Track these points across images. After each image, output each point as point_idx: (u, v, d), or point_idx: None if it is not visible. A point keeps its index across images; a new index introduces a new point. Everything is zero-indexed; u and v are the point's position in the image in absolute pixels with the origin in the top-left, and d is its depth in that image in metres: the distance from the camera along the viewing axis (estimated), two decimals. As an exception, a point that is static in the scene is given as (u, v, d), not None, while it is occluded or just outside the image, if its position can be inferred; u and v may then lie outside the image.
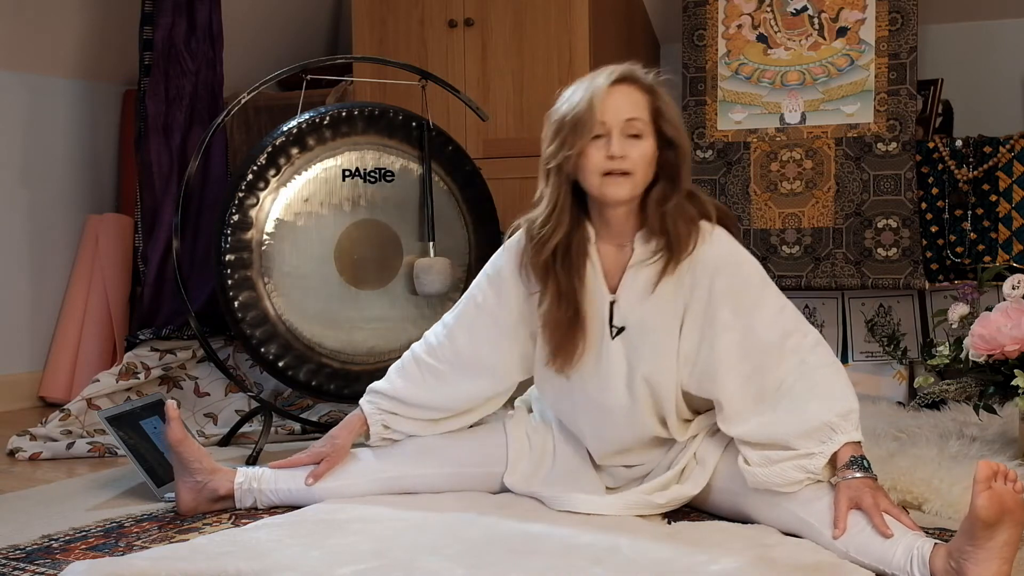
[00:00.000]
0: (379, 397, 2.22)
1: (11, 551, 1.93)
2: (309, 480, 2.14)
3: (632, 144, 1.97)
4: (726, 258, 2.00)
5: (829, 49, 3.34)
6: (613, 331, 2.04)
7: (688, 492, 2.04)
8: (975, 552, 1.58)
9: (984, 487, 1.57)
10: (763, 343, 1.95)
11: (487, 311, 2.15)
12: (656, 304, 2.01)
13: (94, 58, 3.88)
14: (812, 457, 1.87)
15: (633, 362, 2.04)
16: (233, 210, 2.80)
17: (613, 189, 1.97)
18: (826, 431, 1.87)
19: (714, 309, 1.98)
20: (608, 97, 1.97)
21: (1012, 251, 3.07)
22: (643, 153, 1.97)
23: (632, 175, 1.97)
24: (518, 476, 2.15)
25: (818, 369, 1.94)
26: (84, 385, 3.30)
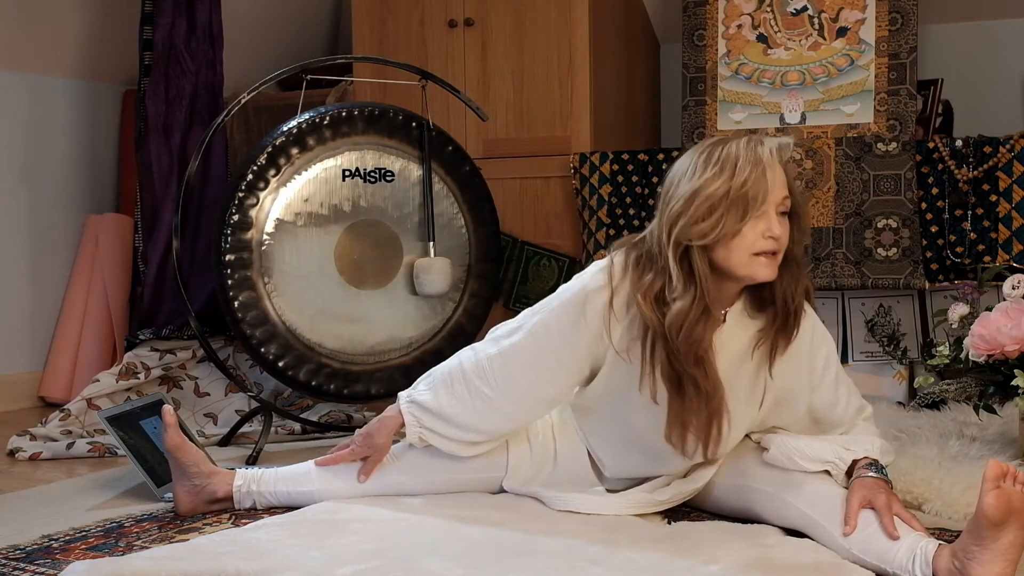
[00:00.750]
0: (422, 411, 2.09)
1: (11, 551, 1.93)
2: (361, 477, 2.11)
3: (783, 222, 1.86)
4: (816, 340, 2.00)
5: (829, 49, 3.34)
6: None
7: (691, 487, 2.04)
8: (980, 552, 1.58)
9: (993, 486, 1.57)
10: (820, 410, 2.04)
11: (551, 348, 1.98)
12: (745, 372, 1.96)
13: (94, 58, 3.88)
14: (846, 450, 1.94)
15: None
16: (233, 210, 2.80)
17: (765, 271, 1.84)
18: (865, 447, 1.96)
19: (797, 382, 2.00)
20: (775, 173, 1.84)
21: (1012, 251, 3.07)
22: (786, 232, 1.87)
23: (779, 254, 1.86)
24: (518, 480, 2.14)
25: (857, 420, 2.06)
26: (84, 385, 3.29)
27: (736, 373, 1.95)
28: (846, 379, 2.06)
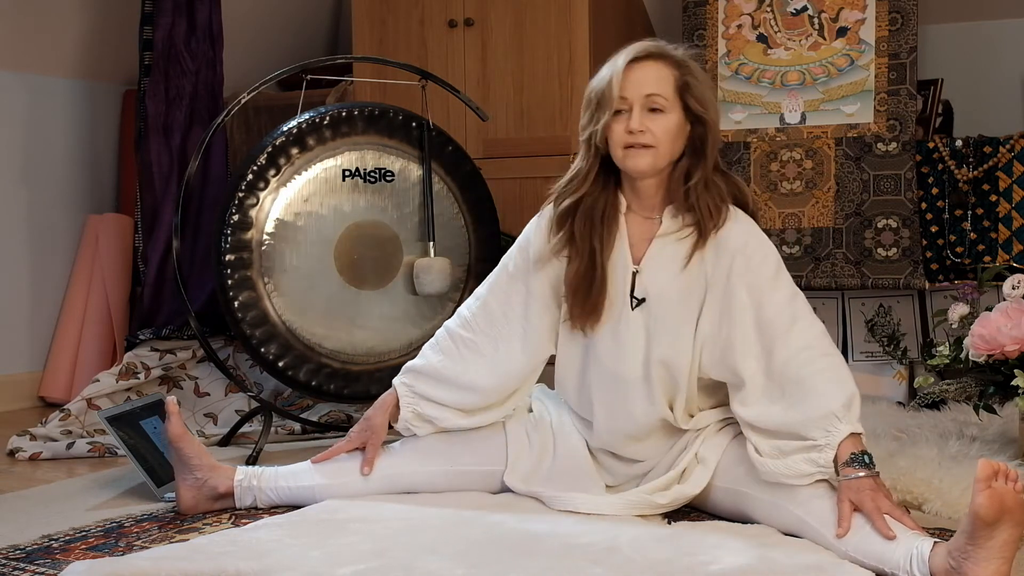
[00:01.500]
0: (414, 377, 2.21)
1: (11, 551, 1.93)
2: (365, 470, 2.14)
3: (653, 118, 2.01)
4: (747, 239, 2.04)
5: (829, 49, 3.34)
6: (633, 302, 2.07)
7: (689, 492, 2.04)
8: (975, 551, 1.58)
9: (984, 485, 1.57)
10: (773, 325, 1.98)
11: (519, 277, 2.19)
12: (679, 279, 2.05)
13: (94, 58, 3.88)
14: (820, 450, 1.87)
15: (651, 336, 2.07)
16: (233, 210, 2.80)
17: (633, 161, 2.03)
18: (831, 420, 1.87)
19: (732, 288, 2.01)
20: (630, 73, 2.02)
21: (1012, 251, 3.07)
22: (665, 127, 2.02)
23: (654, 148, 2.02)
24: (518, 475, 2.15)
25: (822, 357, 1.96)
26: (84, 385, 3.29)
27: (672, 279, 2.06)
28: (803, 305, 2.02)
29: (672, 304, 2.06)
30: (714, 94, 2.09)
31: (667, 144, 2.03)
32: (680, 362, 2.06)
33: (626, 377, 2.08)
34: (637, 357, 2.07)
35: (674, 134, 2.03)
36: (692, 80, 2.04)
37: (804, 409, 1.90)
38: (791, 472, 1.89)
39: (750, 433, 1.98)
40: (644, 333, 2.07)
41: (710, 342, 2.05)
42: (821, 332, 2.00)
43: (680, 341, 2.05)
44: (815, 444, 1.87)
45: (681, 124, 2.04)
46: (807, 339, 1.97)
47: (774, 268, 2.04)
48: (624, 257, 2.09)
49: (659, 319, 2.06)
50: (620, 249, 2.09)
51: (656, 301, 2.06)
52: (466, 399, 2.18)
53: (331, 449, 2.22)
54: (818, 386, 1.91)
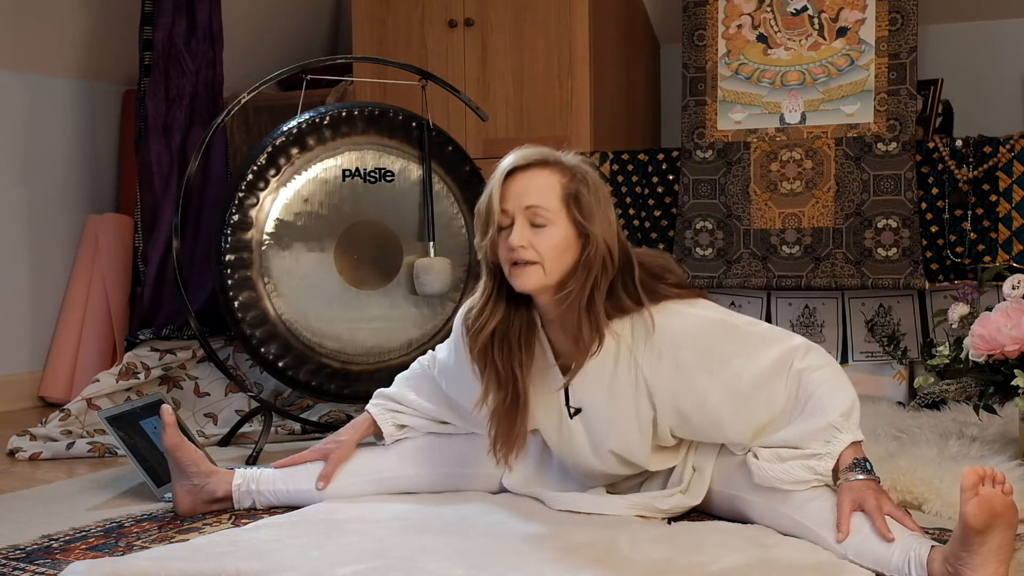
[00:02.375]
0: (386, 399, 2.25)
1: (11, 551, 1.93)
2: (320, 484, 2.14)
3: (536, 233, 1.88)
4: (680, 334, 1.91)
5: (829, 49, 3.34)
6: (571, 411, 2.02)
7: (690, 503, 2.04)
8: (970, 558, 1.57)
9: (972, 494, 1.56)
10: (751, 384, 1.90)
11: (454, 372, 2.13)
12: (614, 386, 1.96)
13: (94, 58, 3.88)
14: (820, 458, 1.84)
15: (596, 438, 2.02)
16: (233, 210, 2.80)
17: (519, 280, 1.89)
18: (830, 431, 1.85)
19: (689, 379, 1.91)
20: (511, 183, 1.90)
21: (1012, 251, 3.07)
22: (551, 242, 1.88)
23: (538, 264, 1.88)
24: (517, 477, 2.15)
25: (814, 373, 1.89)
26: (84, 385, 3.29)
27: (606, 390, 1.96)
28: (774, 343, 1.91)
29: (611, 411, 1.98)
30: (607, 205, 1.92)
31: (554, 259, 1.88)
32: (635, 453, 2.02)
33: (584, 469, 2.09)
34: (588, 454, 2.05)
35: (561, 248, 1.88)
36: (581, 189, 1.89)
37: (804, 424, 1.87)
38: (788, 478, 1.87)
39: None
40: (587, 437, 2.03)
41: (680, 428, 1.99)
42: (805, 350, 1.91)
43: (628, 437, 2.00)
44: (815, 452, 1.85)
45: (571, 236, 1.89)
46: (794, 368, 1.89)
47: (721, 336, 1.92)
48: (552, 371, 2.00)
49: (600, 425, 2.00)
50: (545, 363, 2.01)
51: (593, 408, 1.99)
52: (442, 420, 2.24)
53: (293, 456, 2.23)
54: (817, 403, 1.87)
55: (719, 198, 3.39)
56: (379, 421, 2.22)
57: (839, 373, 1.92)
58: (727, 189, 3.38)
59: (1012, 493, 1.59)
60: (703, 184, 3.41)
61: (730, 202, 3.37)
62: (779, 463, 1.88)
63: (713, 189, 3.40)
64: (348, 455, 2.18)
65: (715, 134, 3.43)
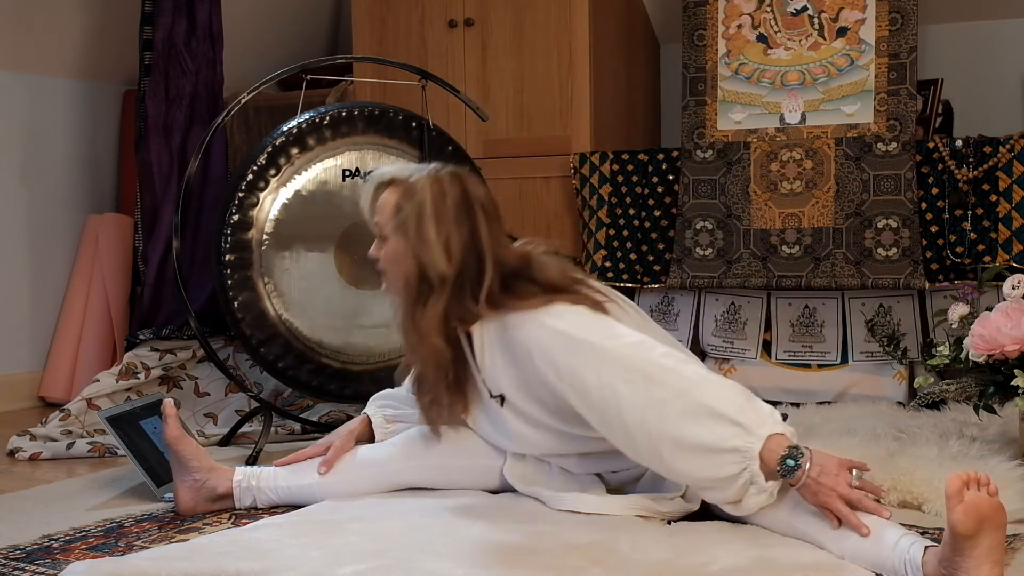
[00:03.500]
0: (381, 398, 2.34)
1: (11, 551, 1.93)
2: (321, 469, 2.17)
3: (380, 245, 2.10)
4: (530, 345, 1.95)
5: (829, 49, 3.34)
6: (498, 399, 2.08)
7: (691, 508, 2.04)
8: (963, 561, 1.58)
9: (957, 500, 1.56)
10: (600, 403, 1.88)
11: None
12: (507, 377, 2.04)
13: (94, 58, 3.88)
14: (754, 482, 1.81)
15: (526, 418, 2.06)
16: (233, 210, 2.80)
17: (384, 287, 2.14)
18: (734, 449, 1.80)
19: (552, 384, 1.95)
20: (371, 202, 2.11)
21: (1012, 251, 3.07)
22: (388, 253, 2.08)
23: (385, 273, 2.11)
24: (518, 471, 2.15)
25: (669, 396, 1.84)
26: (84, 385, 3.29)
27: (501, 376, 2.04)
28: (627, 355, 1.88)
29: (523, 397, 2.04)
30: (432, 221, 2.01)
31: (393, 269, 2.07)
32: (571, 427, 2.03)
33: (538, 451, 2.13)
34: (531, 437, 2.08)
35: (394, 259, 2.06)
36: (404, 203, 2.04)
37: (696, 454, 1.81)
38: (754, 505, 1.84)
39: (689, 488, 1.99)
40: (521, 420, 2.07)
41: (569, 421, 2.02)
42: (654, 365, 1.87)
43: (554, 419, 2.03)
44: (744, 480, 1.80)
45: (400, 250, 2.05)
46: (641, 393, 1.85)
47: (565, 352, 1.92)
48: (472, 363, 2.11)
49: (523, 409, 2.05)
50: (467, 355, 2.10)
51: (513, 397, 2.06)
52: None
53: (295, 454, 2.26)
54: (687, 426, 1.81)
55: (719, 198, 3.39)
56: (370, 412, 2.30)
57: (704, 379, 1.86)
58: (727, 189, 3.38)
59: (997, 494, 1.59)
60: (703, 184, 3.41)
61: (730, 202, 3.37)
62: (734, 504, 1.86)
63: (713, 189, 3.40)
64: (349, 446, 2.23)
65: (715, 134, 3.43)
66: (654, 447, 1.85)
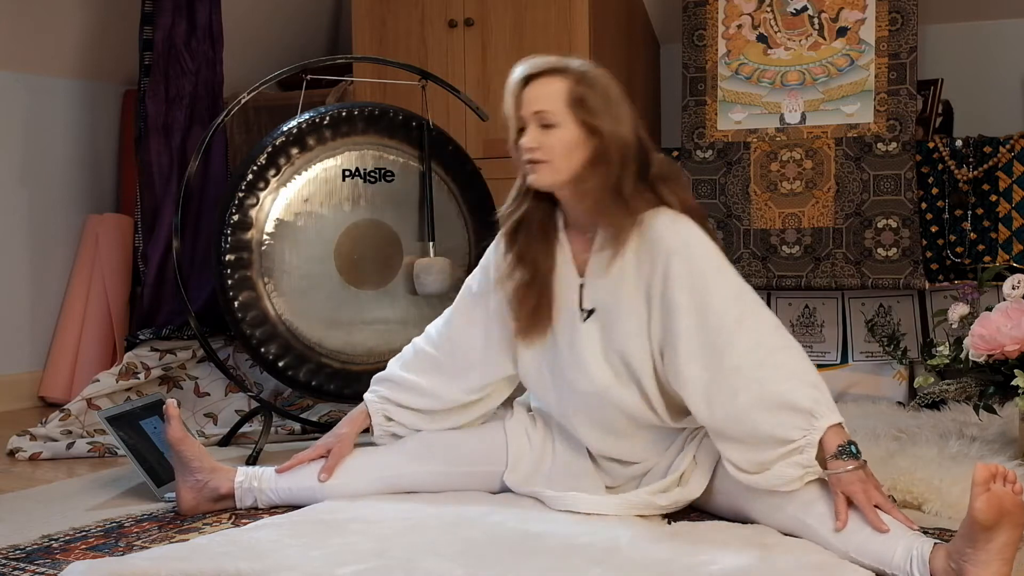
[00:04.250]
0: (379, 383, 2.30)
1: (11, 551, 1.93)
2: (322, 476, 2.16)
3: (546, 133, 2.02)
4: (678, 242, 1.99)
5: (829, 49, 3.34)
6: (583, 314, 2.08)
7: (689, 495, 2.04)
8: (975, 554, 1.58)
9: (982, 489, 1.57)
10: (719, 328, 1.93)
11: (480, 296, 2.22)
12: (622, 286, 2.04)
13: (94, 58, 3.88)
14: (802, 451, 1.84)
15: (607, 344, 2.06)
16: (233, 210, 2.80)
17: (532, 177, 2.05)
18: (806, 418, 1.85)
19: (671, 292, 1.98)
20: (524, 91, 2.06)
21: (1012, 251, 3.07)
22: (560, 141, 2.01)
23: (548, 163, 2.02)
24: (519, 475, 2.15)
25: (776, 353, 1.92)
26: (84, 385, 3.29)
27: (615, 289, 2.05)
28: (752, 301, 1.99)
29: (621, 313, 2.04)
30: (617, 104, 2.05)
31: (562, 158, 2.01)
32: (641, 367, 2.04)
33: (595, 389, 2.08)
34: (600, 368, 2.06)
35: (570, 147, 2.01)
36: (586, 92, 2.03)
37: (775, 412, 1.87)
38: (779, 480, 1.87)
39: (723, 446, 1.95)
40: (600, 344, 2.07)
41: (663, 348, 2.01)
42: (773, 327, 1.96)
43: (635, 347, 2.03)
44: (796, 446, 1.85)
45: (578, 137, 2.02)
46: (757, 336, 1.93)
47: (715, 266, 2.00)
48: (569, 271, 2.10)
49: (612, 328, 2.05)
50: (565, 263, 2.11)
51: (605, 310, 2.06)
52: (428, 403, 2.24)
53: (295, 458, 2.23)
54: (781, 385, 1.88)
55: (719, 198, 3.39)
56: (371, 410, 2.27)
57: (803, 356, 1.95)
58: (727, 189, 3.38)
59: (1022, 493, 1.59)
60: (703, 184, 3.41)
61: (730, 202, 3.37)
62: (764, 471, 1.88)
63: (713, 189, 3.40)
64: (349, 448, 2.21)
65: (715, 134, 3.43)
66: (737, 386, 1.90)
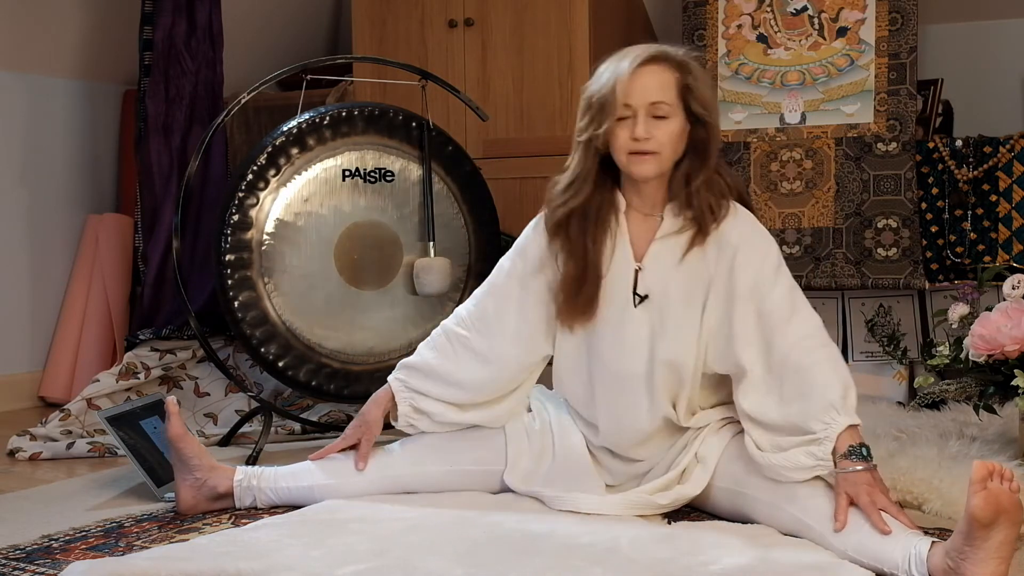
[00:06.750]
0: (408, 372, 2.22)
1: (11, 551, 1.93)
2: (360, 465, 2.16)
3: (657, 125, 2.02)
4: (749, 234, 2.06)
5: (829, 49, 3.34)
6: (636, 299, 2.08)
7: (690, 492, 2.04)
8: (972, 552, 1.58)
9: (980, 487, 1.58)
10: (773, 316, 2.00)
11: (515, 277, 2.19)
12: (682, 276, 2.06)
13: (94, 58, 3.88)
14: (819, 443, 1.87)
15: (655, 333, 2.07)
16: (233, 210, 2.80)
17: (638, 168, 2.03)
18: (829, 412, 1.88)
19: (735, 281, 2.03)
20: (634, 80, 2.02)
21: (1012, 251, 3.07)
22: (669, 133, 2.03)
23: (658, 154, 2.03)
24: (518, 474, 2.15)
25: (821, 347, 1.99)
26: (84, 385, 3.29)
27: (675, 276, 2.07)
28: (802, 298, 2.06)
29: (676, 301, 2.06)
30: (714, 92, 2.12)
31: (670, 149, 2.04)
32: (685, 359, 2.06)
33: (630, 375, 2.08)
34: (641, 355, 2.07)
35: (677, 138, 2.04)
36: (693, 82, 2.04)
37: (804, 401, 1.92)
38: (790, 464, 1.89)
39: (750, 427, 1.98)
40: (648, 331, 2.07)
41: (715, 336, 2.05)
42: (820, 324, 2.03)
43: (685, 338, 2.06)
44: (814, 437, 1.88)
45: (683, 127, 2.05)
46: (807, 329, 2.00)
47: (775, 262, 2.06)
48: (626, 255, 2.10)
49: (663, 316, 2.07)
50: (622, 247, 2.10)
51: (660, 298, 2.07)
52: (458, 395, 2.19)
53: (327, 447, 2.23)
54: (818, 376, 1.93)
55: (719, 198, 3.39)
56: (397, 399, 2.21)
57: (840, 357, 2.01)
58: (727, 189, 3.38)
59: (1020, 491, 1.59)
60: (703, 184, 3.41)
61: (730, 202, 3.37)
62: (779, 452, 1.91)
63: (713, 189, 3.40)
64: (379, 431, 2.21)
65: (715, 134, 3.43)
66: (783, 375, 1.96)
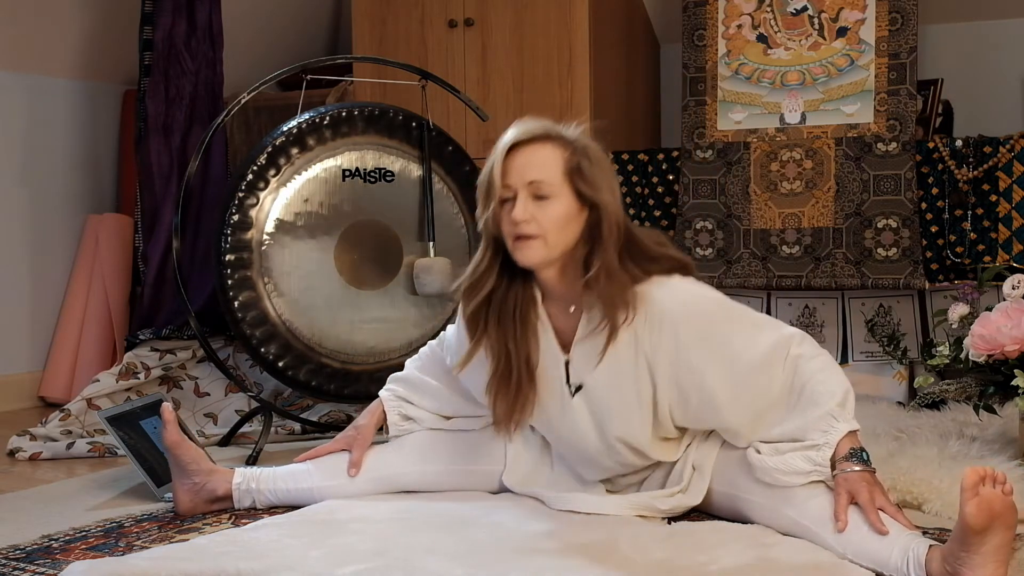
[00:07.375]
0: (397, 383, 2.28)
1: (11, 551, 1.93)
2: (351, 472, 2.16)
3: (539, 206, 1.88)
4: (681, 309, 1.91)
5: (829, 49, 3.34)
6: (571, 389, 2.01)
7: (689, 502, 2.04)
8: (969, 557, 1.58)
9: (972, 494, 1.56)
10: (750, 366, 1.90)
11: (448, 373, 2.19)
12: (613, 366, 1.95)
13: (94, 58, 3.88)
14: (818, 449, 1.85)
15: (601, 417, 2.01)
16: (233, 210, 2.80)
17: (521, 253, 1.90)
18: (827, 420, 1.86)
19: (687, 355, 1.90)
20: (512, 158, 1.91)
21: (1012, 251, 3.07)
22: (553, 215, 1.88)
23: (541, 238, 1.88)
24: (517, 475, 2.15)
25: (809, 362, 1.91)
26: (84, 385, 3.29)
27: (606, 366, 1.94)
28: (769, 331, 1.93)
29: (614, 387, 1.97)
30: (611, 176, 1.95)
31: (556, 233, 1.89)
32: (638, 436, 2.01)
33: (587, 449, 2.06)
34: (591, 437, 2.03)
35: (564, 221, 1.89)
36: (583, 162, 1.91)
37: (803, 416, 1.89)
38: (788, 468, 1.88)
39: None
40: (591, 417, 2.01)
41: (679, 407, 1.97)
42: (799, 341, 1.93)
43: (632, 418, 1.99)
44: (814, 443, 1.87)
45: (573, 210, 1.90)
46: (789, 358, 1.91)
47: (723, 317, 1.94)
48: (552, 348, 2.00)
49: (605, 402, 1.99)
50: (547, 341, 2.00)
51: (595, 389, 1.98)
52: (442, 408, 2.25)
53: (316, 449, 2.25)
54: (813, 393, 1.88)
55: (719, 198, 3.39)
56: (387, 408, 2.24)
57: (832, 362, 1.94)
58: (727, 189, 3.38)
59: (1012, 494, 1.59)
60: (703, 184, 3.42)
61: (730, 202, 3.37)
62: (776, 456, 1.89)
63: (713, 189, 3.40)
64: (369, 440, 2.21)
65: (715, 134, 3.43)
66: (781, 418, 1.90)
